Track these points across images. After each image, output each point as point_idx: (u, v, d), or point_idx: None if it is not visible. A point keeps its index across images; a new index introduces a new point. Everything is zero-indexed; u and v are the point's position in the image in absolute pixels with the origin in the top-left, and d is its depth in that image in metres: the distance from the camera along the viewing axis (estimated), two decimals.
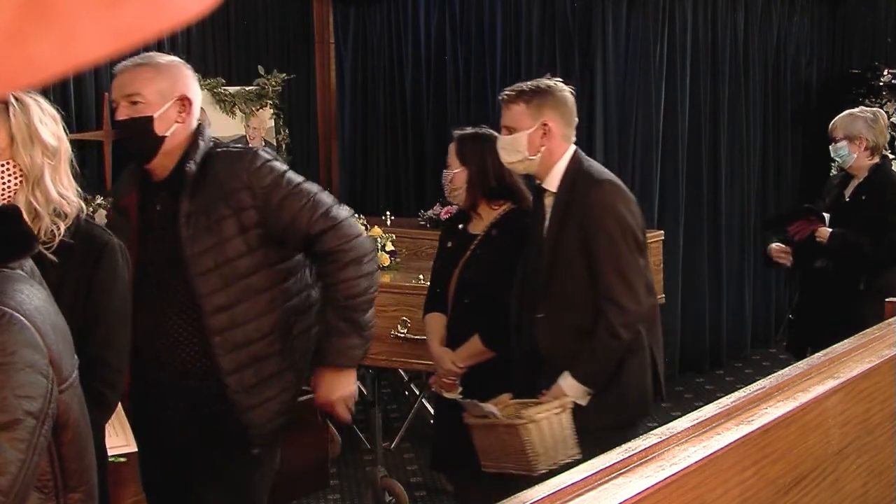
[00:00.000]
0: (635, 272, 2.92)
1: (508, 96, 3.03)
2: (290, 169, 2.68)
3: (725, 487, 1.69)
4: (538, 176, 3.08)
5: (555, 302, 2.98)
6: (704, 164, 6.54)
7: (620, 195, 2.96)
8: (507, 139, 3.04)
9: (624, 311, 2.88)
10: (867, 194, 4.43)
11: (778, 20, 7.06)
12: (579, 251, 2.91)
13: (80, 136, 5.89)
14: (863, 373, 2.18)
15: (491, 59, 6.64)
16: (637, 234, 2.95)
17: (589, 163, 3.06)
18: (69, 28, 0.40)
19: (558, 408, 2.80)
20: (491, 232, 3.37)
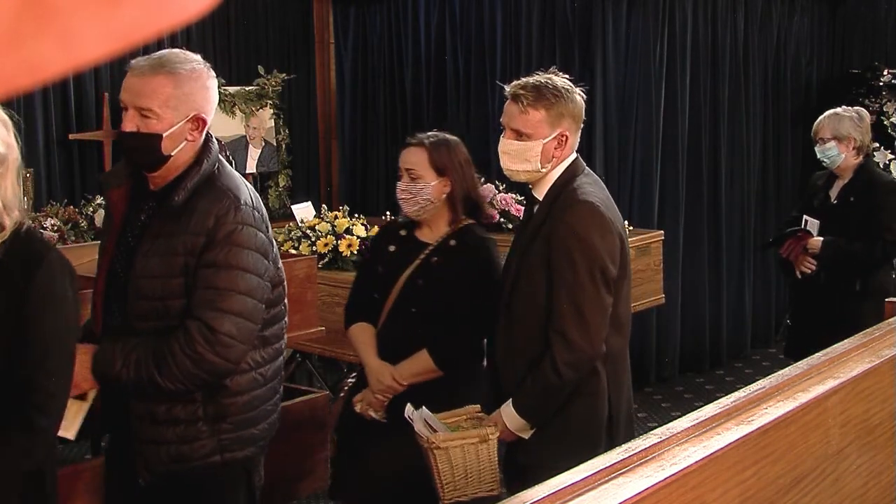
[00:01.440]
0: (595, 309, 2.61)
1: (527, 99, 2.67)
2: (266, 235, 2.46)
3: (725, 487, 1.69)
4: (531, 184, 2.82)
5: (512, 320, 2.75)
6: (704, 164, 6.54)
7: (597, 222, 2.64)
8: (515, 145, 2.71)
9: (572, 348, 2.60)
10: (855, 195, 4.35)
11: (778, 20, 7.06)
12: (542, 271, 2.67)
13: (80, 136, 5.89)
14: (863, 373, 2.18)
15: (491, 59, 6.64)
16: (608, 267, 2.63)
17: (582, 177, 2.74)
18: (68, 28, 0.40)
19: (476, 438, 2.59)
20: (448, 242, 3.09)
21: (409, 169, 3.05)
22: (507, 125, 2.73)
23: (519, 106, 2.68)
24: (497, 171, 6.39)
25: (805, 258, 4.35)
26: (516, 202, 5.55)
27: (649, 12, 6.19)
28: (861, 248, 4.25)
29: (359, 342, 3.14)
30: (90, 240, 5.25)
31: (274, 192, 6.55)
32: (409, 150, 3.10)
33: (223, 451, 2.44)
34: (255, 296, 2.37)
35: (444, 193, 3.05)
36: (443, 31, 6.86)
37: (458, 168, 3.08)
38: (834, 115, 4.47)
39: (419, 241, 3.13)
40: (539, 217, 2.72)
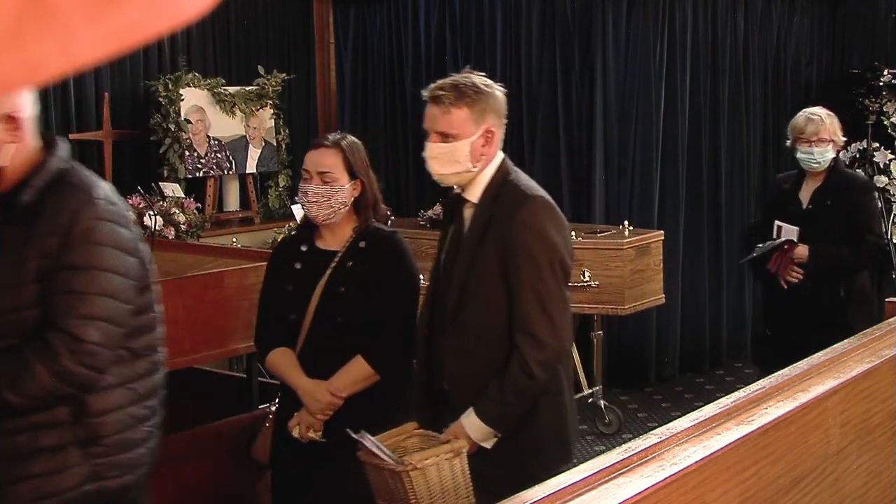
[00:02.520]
0: (559, 304, 2.54)
1: (448, 99, 2.58)
2: (129, 231, 2.25)
3: (725, 487, 1.69)
4: (461, 186, 2.68)
5: (465, 328, 2.59)
6: (704, 164, 6.54)
7: (551, 215, 2.57)
8: (442, 148, 2.59)
9: (543, 346, 2.50)
10: (832, 199, 4.18)
11: (778, 20, 7.06)
12: (498, 274, 2.54)
13: (80, 136, 5.89)
14: (863, 373, 2.18)
15: (491, 59, 6.64)
16: (566, 260, 2.58)
17: (517, 174, 2.66)
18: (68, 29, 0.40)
19: (449, 453, 2.44)
20: (358, 244, 2.96)
21: (323, 172, 2.91)
22: (431, 129, 2.62)
23: (441, 107, 2.59)
24: None
25: (791, 267, 4.19)
26: None
27: (649, 12, 6.19)
28: (848, 252, 4.12)
29: (282, 366, 2.95)
30: None
31: (274, 192, 6.55)
32: (322, 151, 2.95)
33: (98, 479, 2.19)
34: (119, 297, 2.17)
35: (353, 196, 2.95)
36: (443, 31, 6.86)
37: (367, 169, 3.00)
38: (830, 115, 4.34)
39: (323, 250, 2.99)
40: (480, 220, 2.60)
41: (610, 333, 6.13)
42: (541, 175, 6.35)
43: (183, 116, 5.97)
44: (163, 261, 4.11)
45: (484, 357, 2.58)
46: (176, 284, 3.50)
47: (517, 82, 6.49)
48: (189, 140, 5.97)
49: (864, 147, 7.24)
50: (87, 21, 0.41)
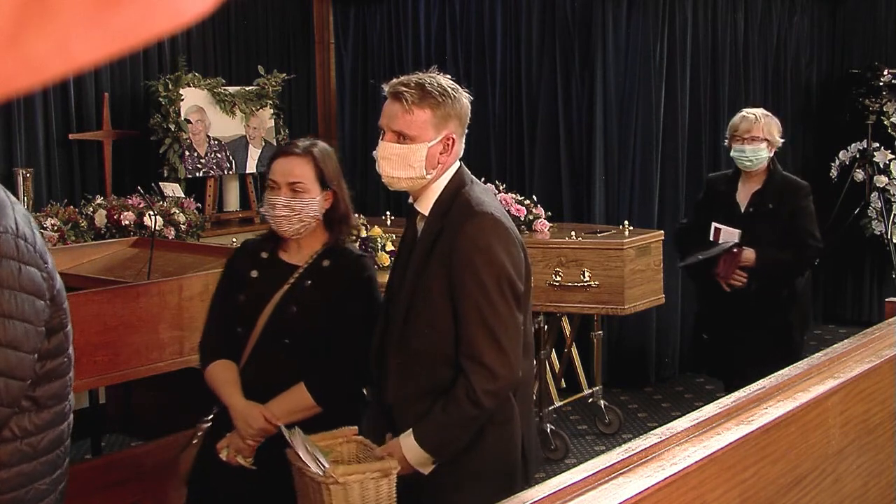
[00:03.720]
0: (509, 329, 2.35)
1: (411, 97, 2.39)
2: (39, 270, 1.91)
3: (725, 487, 1.69)
4: (413, 194, 2.51)
5: (410, 348, 2.42)
6: (704, 164, 6.54)
7: (501, 232, 2.37)
8: (397, 149, 2.41)
9: (494, 377, 2.32)
10: (773, 201, 4.12)
11: (778, 20, 7.06)
12: (444, 294, 2.36)
13: (80, 136, 5.89)
14: (863, 373, 2.18)
15: (491, 59, 6.64)
16: (515, 282, 2.38)
17: (471, 186, 2.46)
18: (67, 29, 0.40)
19: (378, 472, 2.27)
20: (321, 262, 2.74)
21: (293, 182, 2.68)
22: (388, 127, 2.44)
23: (402, 105, 2.40)
24: (497, 170, 6.44)
25: (737, 271, 4.11)
26: (516, 202, 5.55)
27: (649, 12, 6.19)
28: (791, 255, 4.09)
29: (219, 381, 2.71)
30: (90, 240, 5.25)
31: None
32: (292, 159, 2.71)
33: None
34: (21, 347, 1.87)
35: (324, 209, 2.73)
36: (443, 31, 6.86)
37: (339, 179, 2.77)
38: (766, 115, 4.23)
39: (285, 263, 2.77)
40: (429, 234, 2.42)
41: (610, 333, 6.13)
42: (541, 175, 6.35)
43: (183, 116, 5.97)
44: (163, 261, 4.12)
45: (427, 379, 2.41)
46: (176, 284, 3.50)
47: (517, 82, 6.49)
48: (189, 140, 5.97)
49: (864, 147, 7.25)
50: (87, 21, 0.41)
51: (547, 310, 5.16)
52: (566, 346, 5.82)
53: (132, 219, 5.31)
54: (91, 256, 4.40)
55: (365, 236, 4.76)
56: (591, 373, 5.67)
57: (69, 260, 4.38)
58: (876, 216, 7.23)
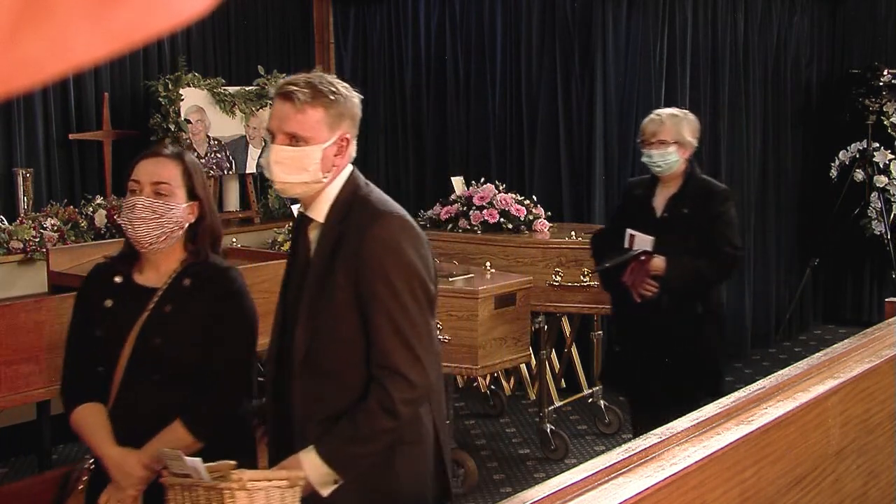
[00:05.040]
0: (423, 335, 2.20)
1: (303, 96, 2.24)
2: None
3: (725, 487, 1.69)
4: (304, 201, 2.33)
5: (317, 370, 2.24)
6: (704, 164, 6.53)
7: (409, 233, 2.24)
8: (291, 152, 2.24)
9: (411, 385, 2.17)
10: (689, 207, 3.87)
11: (778, 20, 7.06)
12: (351, 305, 2.20)
13: (80, 136, 5.89)
14: (863, 373, 2.18)
15: (491, 59, 6.64)
16: (428, 285, 2.24)
17: (368, 188, 2.35)
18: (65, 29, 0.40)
19: (285, 480, 2.09)
20: (182, 282, 2.48)
21: (157, 182, 2.44)
22: (279, 129, 2.26)
23: (294, 104, 2.23)
24: (497, 170, 6.43)
25: (646, 280, 3.83)
26: (516, 202, 5.55)
27: (649, 12, 6.19)
28: (706, 264, 3.81)
29: (87, 429, 2.45)
30: (90, 240, 5.25)
31: (274, 193, 6.55)
32: (160, 160, 2.49)
33: None
34: None
35: (188, 221, 2.48)
36: (443, 31, 6.86)
37: (207, 193, 2.54)
38: (673, 115, 3.95)
39: (141, 287, 2.49)
40: (327, 243, 2.25)
41: (610, 333, 6.13)
42: (541, 175, 6.35)
43: (183, 116, 5.97)
44: None
45: (338, 399, 2.22)
46: None
47: (517, 82, 6.49)
48: (189, 140, 5.97)
49: (864, 147, 7.24)
50: (86, 21, 0.41)
51: (547, 310, 5.15)
52: (566, 346, 5.82)
53: None
54: (91, 256, 4.40)
55: None
56: (591, 373, 5.67)
57: (69, 260, 4.38)
58: (876, 216, 7.23)
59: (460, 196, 5.67)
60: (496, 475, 4.93)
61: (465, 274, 4.60)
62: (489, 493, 4.70)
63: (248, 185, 6.43)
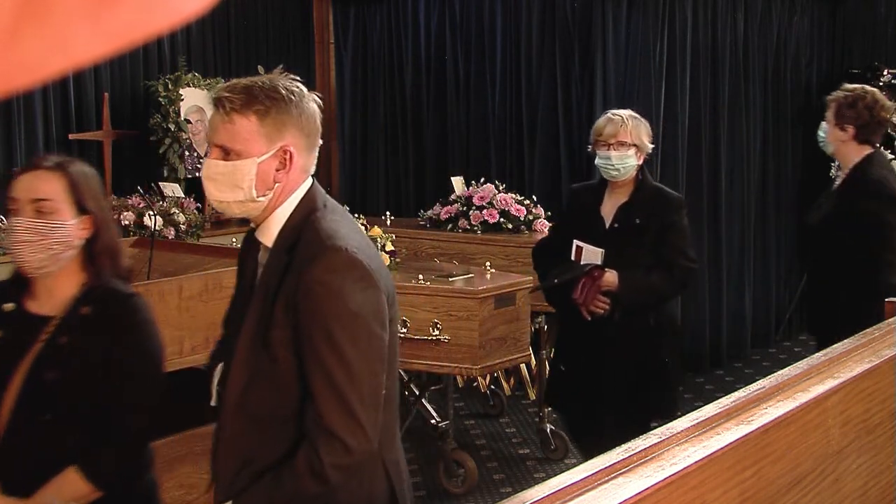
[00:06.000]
0: (364, 391, 1.92)
1: (232, 104, 1.95)
2: None
3: (725, 487, 1.69)
4: (254, 219, 2.06)
5: (247, 414, 1.98)
6: (704, 164, 6.54)
7: (356, 272, 1.92)
8: (222, 167, 1.97)
9: (343, 447, 1.90)
10: (642, 216, 3.61)
11: (778, 20, 7.06)
12: (288, 347, 1.93)
13: (80, 136, 5.89)
14: (863, 373, 2.18)
15: (491, 59, 6.65)
16: (375, 332, 1.94)
17: (323, 212, 2.01)
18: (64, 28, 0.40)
19: None
20: (79, 310, 2.21)
21: (39, 199, 2.16)
22: (211, 141, 2.01)
23: (222, 113, 1.96)
24: (497, 170, 6.44)
25: (598, 297, 3.57)
26: (516, 202, 5.55)
27: (649, 12, 6.19)
28: (661, 279, 3.57)
29: None
30: None
31: None
32: (39, 174, 2.20)
33: None
34: None
35: (82, 239, 2.22)
36: (443, 31, 6.86)
37: (101, 206, 2.27)
38: (634, 117, 3.70)
39: (34, 315, 2.23)
40: (272, 272, 1.97)
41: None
42: (541, 175, 6.36)
43: (183, 116, 5.97)
44: (163, 261, 4.12)
45: (263, 451, 1.98)
46: (176, 284, 3.51)
47: (517, 82, 6.49)
48: (189, 140, 5.96)
49: None
50: (85, 19, 0.41)
51: (547, 310, 5.15)
52: None
53: (132, 219, 5.31)
54: None
55: None
56: None
57: None
58: None
59: (460, 196, 5.67)
60: (496, 475, 4.93)
61: (465, 274, 4.60)
62: (489, 493, 4.70)
63: None
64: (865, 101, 3.80)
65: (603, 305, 3.58)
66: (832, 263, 3.82)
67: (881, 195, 3.75)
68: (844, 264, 3.75)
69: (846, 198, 3.80)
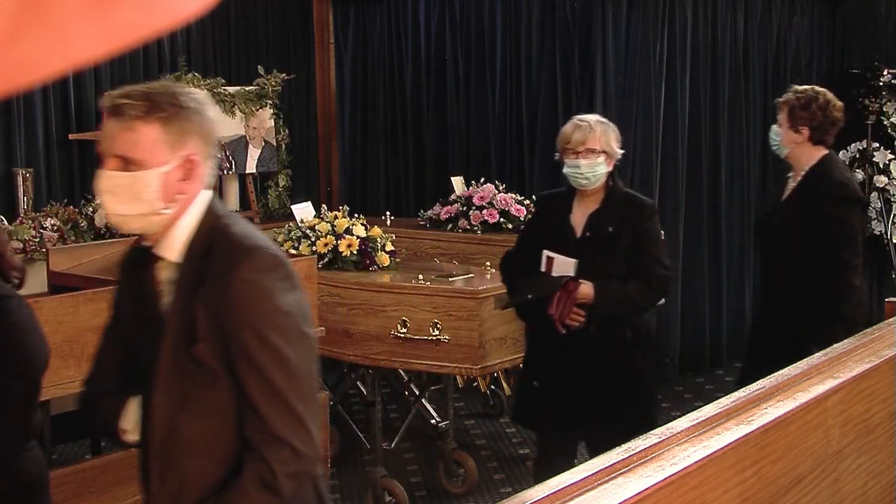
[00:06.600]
0: (306, 391, 1.86)
1: (134, 111, 1.84)
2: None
3: (725, 487, 1.69)
4: (151, 234, 1.94)
5: (179, 442, 1.89)
6: (704, 164, 6.54)
7: (282, 271, 1.87)
8: (122, 178, 1.86)
9: (294, 454, 1.83)
10: (614, 224, 3.48)
11: (778, 20, 7.06)
12: (218, 360, 1.85)
13: (80, 136, 5.89)
14: (863, 373, 2.18)
15: (491, 59, 6.64)
16: (308, 331, 1.90)
17: (229, 218, 1.95)
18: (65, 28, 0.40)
19: None
20: None
21: None
22: (108, 151, 1.88)
23: (122, 120, 1.85)
24: (497, 170, 6.43)
25: (574, 310, 3.43)
26: (516, 202, 5.55)
27: (649, 12, 6.19)
28: (637, 288, 3.44)
29: None
30: (90, 240, 5.25)
31: (274, 192, 6.55)
32: None
33: None
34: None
35: None
36: (443, 31, 6.86)
37: None
38: (601, 122, 3.55)
39: None
40: (185, 289, 1.88)
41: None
42: (541, 175, 6.35)
43: None
44: None
45: (207, 480, 1.88)
46: None
47: (517, 82, 6.49)
48: None
49: (864, 147, 7.24)
50: (85, 19, 0.41)
51: None
52: None
53: None
54: (91, 256, 4.40)
55: (364, 236, 4.76)
56: None
57: (69, 260, 4.38)
58: (876, 216, 7.23)
59: (460, 196, 5.67)
60: (496, 475, 4.93)
61: (465, 274, 4.60)
62: (489, 493, 4.70)
63: (248, 185, 6.43)
64: (818, 102, 3.79)
65: (579, 318, 3.44)
66: (792, 269, 3.79)
67: (845, 197, 3.74)
68: (805, 270, 3.73)
69: (807, 200, 3.77)
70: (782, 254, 3.85)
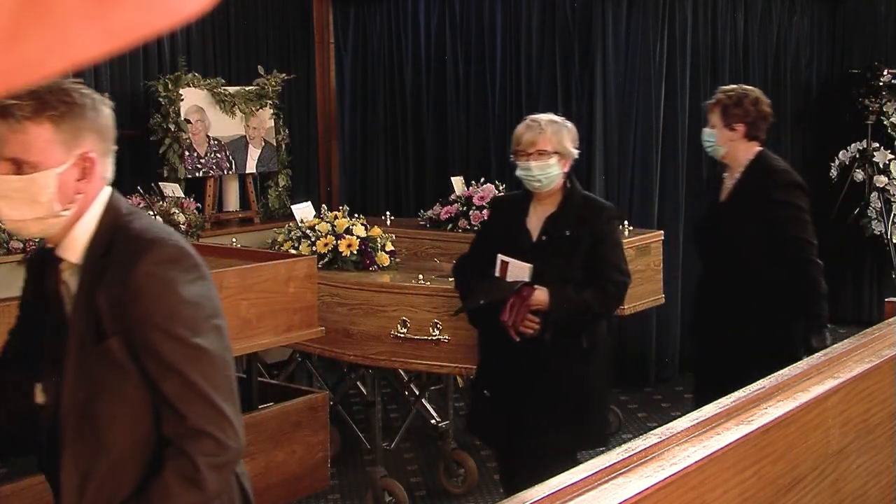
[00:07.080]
0: (222, 384, 1.80)
1: (22, 111, 1.76)
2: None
3: (725, 487, 1.69)
4: (52, 236, 1.86)
5: (85, 446, 1.81)
6: (704, 164, 6.54)
7: (187, 262, 1.80)
8: (16, 182, 1.78)
9: (216, 444, 1.77)
10: (572, 228, 3.35)
11: (778, 20, 7.06)
12: (127, 359, 1.78)
13: None
14: (863, 373, 2.18)
15: (491, 59, 6.65)
16: (219, 322, 1.83)
17: (131, 214, 1.87)
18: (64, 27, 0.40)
19: None
20: None
21: None
22: (0, 155, 1.79)
23: (11, 122, 1.76)
24: (497, 170, 6.43)
25: (527, 317, 3.31)
26: None
27: (649, 12, 6.19)
28: (594, 295, 3.31)
29: None
30: None
31: (274, 192, 6.56)
32: None
33: None
34: None
35: None
36: (443, 31, 6.86)
37: None
38: (553, 122, 3.42)
39: None
40: (87, 289, 1.81)
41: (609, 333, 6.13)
42: None
43: (183, 116, 5.97)
44: None
45: (123, 481, 1.80)
46: None
47: (517, 82, 6.49)
48: (189, 140, 5.97)
49: (864, 147, 7.25)
50: (85, 19, 0.41)
51: None
52: None
53: None
54: None
55: (364, 236, 4.76)
56: None
57: None
58: (876, 216, 7.23)
59: (460, 196, 5.67)
60: (496, 475, 4.93)
61: None
62: (489, 493, 4.70)
63: (248, 185, 6.43)
64: (749, 99, 3.84)
65: (533, 325, 3.32)
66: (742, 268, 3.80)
67: (791, 182, 3.79)
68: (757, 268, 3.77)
69: (752, 191, 3.79)
70: (729, 254, 3.85)
